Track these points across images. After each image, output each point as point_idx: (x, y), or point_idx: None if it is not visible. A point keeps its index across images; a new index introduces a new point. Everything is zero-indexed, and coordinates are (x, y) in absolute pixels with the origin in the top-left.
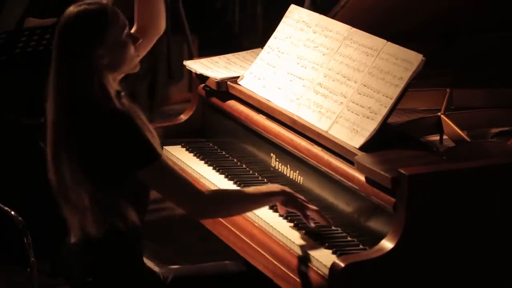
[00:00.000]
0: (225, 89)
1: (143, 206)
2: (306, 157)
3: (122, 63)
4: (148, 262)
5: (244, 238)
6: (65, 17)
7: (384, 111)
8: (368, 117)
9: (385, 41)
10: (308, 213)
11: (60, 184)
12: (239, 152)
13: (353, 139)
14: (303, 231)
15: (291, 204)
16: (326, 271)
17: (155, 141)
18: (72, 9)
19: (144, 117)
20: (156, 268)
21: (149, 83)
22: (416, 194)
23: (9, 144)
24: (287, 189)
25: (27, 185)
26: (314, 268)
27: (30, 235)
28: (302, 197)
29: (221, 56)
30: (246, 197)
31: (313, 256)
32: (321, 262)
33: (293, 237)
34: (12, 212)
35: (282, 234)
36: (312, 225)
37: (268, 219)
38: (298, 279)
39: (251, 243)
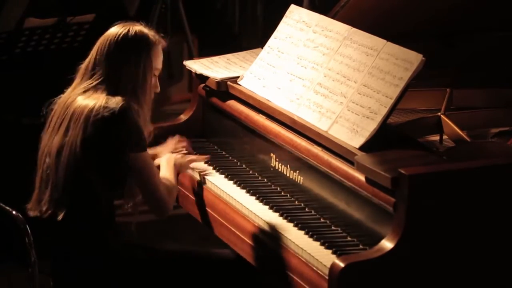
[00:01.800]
0: (225, 89)
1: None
2: (306, 157)
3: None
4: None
5: (244, 238)
6: (127, 28)
7: (384, 111)
8: (368, 117)
9: (385, 41)
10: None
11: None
12: (239, 152)
13: (353, 139)
14: (303, 231)
15: (183, 170)
16: (326, 271)
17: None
18: (137, 27)
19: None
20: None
21: None
22: (416, 194)
23: (9, 144)
24: (174, 161)
25: (28, 184)
26: (314, 268)
27: (31, 235)
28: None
29: (221, 56)
30: (174, 183)
31: (313, 256)
32: (321, 262)
33: (293, 237)
34: (14, 212)
35: (282, 234)
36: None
37: (268, 219)
38: (298, 279)
39: (251, 243)
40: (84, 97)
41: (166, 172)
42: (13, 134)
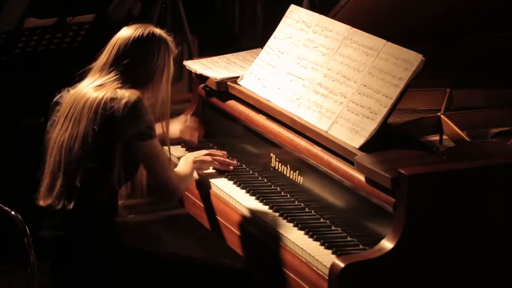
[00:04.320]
0: (225, 89)
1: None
2: (306, 157)
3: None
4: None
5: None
6: (143, 29)
7: (384, 111)
8: (368, 117)
9: (385, 41)
10: (217, 162)
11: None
12: (239, 152)
13: (353, 139)
14: (303, 231)
15: (203, 167)
16: (326, 271)
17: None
18: (154, 28)
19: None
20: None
21: None
22: (416, 194)
23: (9, 144)
24: (195, 157)
25: (27, 184)
26: (314, 268)
27: (31, 235)
28: (211, 153)
29: (221, 56)
30: (188, 174)
31: (313, 256)
32: (321, 262)
33: (293, 237)
34: (13, 212)
35: (282, 234)
36: (231, 168)
37: (267, 219)
38: (298, 280)
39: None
40: (96, 90)
41: (181, 166)
42: (13, 134)
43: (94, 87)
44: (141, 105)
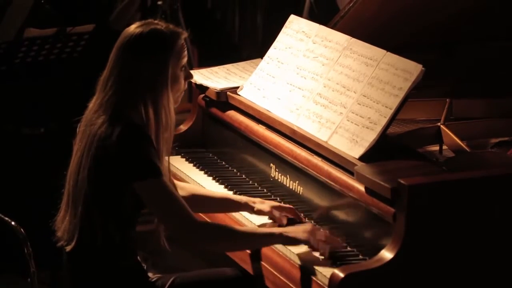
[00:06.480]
0: (224, 99)
1: (132, 222)
2: (306, 168)
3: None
4: (150, 273)
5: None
6: (140, 30)
7: (383, 121)
8: (367, 128)
9: (384, 51)
10: (318, 239)
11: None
12: (239, 162)
13: (353, 150)
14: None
15: (293, 244)
16: (326, 281)
17: (162, 164)
18: (148, 25)
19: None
20: (154, 277)
21: None
22: (415, 204)
23: (9, 154)
24: (288, 231)
25: (28, 195)
26: (314, 278)
27: (31, 245)
28: (306, 226)
29: (221, 67)
30: (241, 238)
31: (313, 266)
32: (321, 272)
33: (294, 248)
34: (13, 223)
35: (282, 244)
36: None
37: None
38: None
39: (250, 253)
40: (94, 114)
41: (252, 229)
42: (13, 144)
43: (94, 111)
44: (135, 139)
